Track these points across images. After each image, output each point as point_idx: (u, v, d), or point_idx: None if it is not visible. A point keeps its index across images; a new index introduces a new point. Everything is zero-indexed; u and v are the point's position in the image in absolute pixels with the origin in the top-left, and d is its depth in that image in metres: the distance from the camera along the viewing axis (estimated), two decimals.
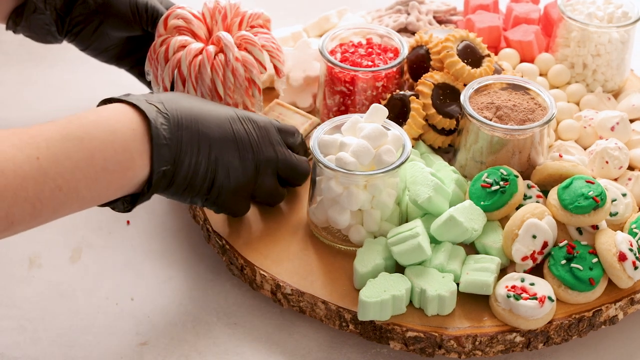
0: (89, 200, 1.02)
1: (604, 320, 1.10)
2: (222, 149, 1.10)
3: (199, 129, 1.09)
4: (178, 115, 1.08)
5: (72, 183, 0.99)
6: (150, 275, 1.19)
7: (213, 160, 1.10)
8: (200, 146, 1.08)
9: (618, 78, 1.38)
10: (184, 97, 1.12)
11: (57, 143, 0.99)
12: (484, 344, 1.07)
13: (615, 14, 1.35)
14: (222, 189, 1.12)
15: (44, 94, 1.48)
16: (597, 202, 1.10)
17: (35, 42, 1.32)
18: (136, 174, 1.04)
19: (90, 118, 1.03)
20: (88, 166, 1.00)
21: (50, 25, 1.27)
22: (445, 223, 1.11)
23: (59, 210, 1.00)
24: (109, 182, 1.02)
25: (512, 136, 1.18)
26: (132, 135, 1.03)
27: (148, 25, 1.27)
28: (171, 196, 1.10)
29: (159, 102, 1.07)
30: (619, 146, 1.23)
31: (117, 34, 1.29)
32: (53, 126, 1.00)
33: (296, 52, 1.38)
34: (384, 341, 1.09)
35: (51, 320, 1.14)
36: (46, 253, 1.22)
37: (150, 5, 1.27)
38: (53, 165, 0.98)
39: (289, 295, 1.12)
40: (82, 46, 1.30)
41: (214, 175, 1.10)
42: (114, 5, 1.26)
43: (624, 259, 1.08)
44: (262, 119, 1.16)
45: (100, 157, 1.01)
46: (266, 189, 1.16)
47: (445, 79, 1.27)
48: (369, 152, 1.11)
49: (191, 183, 1.09)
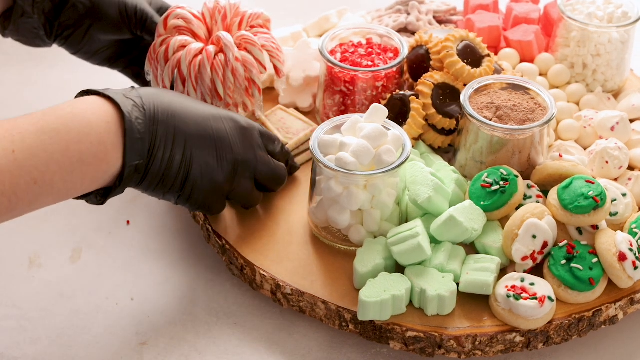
0: (64, 193, 1.02)
1: (604, 320, 1.10)
2: (198, 147, 1.10)
3: (175, 124, 1.08)
4: (155, 110, 1.07)
5: (48, 176, 0.99)
6: (150, 275, 1.19)
7: (188, 156, 1.09)
8: (175, 142, 1.08)
9: (618, 78, 1.38)
10: (166, 93, 1.11)
11: (33, 136, 0.98)
12: (484, 344, 1.07)
13: (615, 14, 1.35)
14: (196, 187, 1.11)
15: (44, 94, 1.48)
16: (597, 202, 1.10)
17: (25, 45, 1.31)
18: (110, 167, 1.04)
19: (66, 110, 1.02)
20: (63, 158, 1.00)
21: (39, 29, 1.25)
22: (445, 223, 1.11)
23: (34, 203, 1.00)
24: (84, 175, 1.02)
25: (512, 136, 1.18)
26: (106, 128, 1.03)
27: (137, 28, 1.26)
28: (144, 191, 1.10)
29: (137, 97, 1.07)
30: (619, 146, 1.23)
31: (106, 37, 1.27)
32: (28, 119, 1.00)
33: (296, 52, 1.38)
34: (384, 341, 1.09)
35: (51, 320, 1.14)
36: (46, 253, 1.22)
37: (139, 9, 1.26)
38: (29, 158, 0.97)
39: (289, 295, 1.12)
40: (73, 50, 1.29)
41: (188, 172, 1.10)
42: (102, 9, 1.25)
43: (624, 259, 1.08)
44: (245, 120, 1.15)
45: (76, 149, 1.00)
46: (242, 191, 1.16)
47: (445, 79, 1.27)
48: (369, 152, 1.11)
49: (164, 178, 1.08)
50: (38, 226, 1.25)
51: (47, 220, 1.24)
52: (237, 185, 1.14)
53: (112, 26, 1.26)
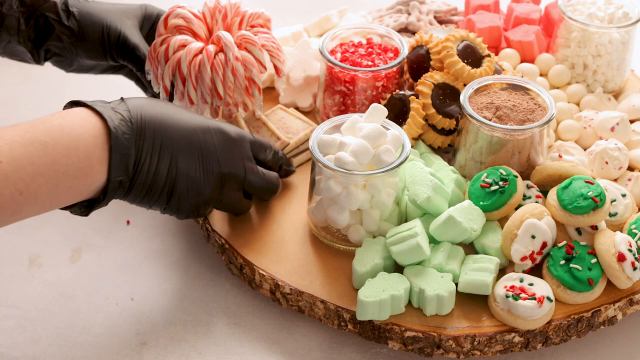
0: (48, 204, 1.01)
1: (602, 320, 1.10)
2: (185, 160, 1.09)
3: (162, 138, 1.07)
4: (142, 124, 1.06)
5: (33, 187, 0.99)
6: (150, 275, 1.20)
7: (174, 170, 1.08)
8: (162, 156, 1.07)
9: (618, 78, 1.38)
10: (155, 104, 1.10)
11: (20, 147, 0.98)
12: (483, 344, 1.07)
13: (615, 15, 1.35)
14: (182, 200, 1.10)
15: (44, 94, 1.49)
16: (597, 203, 1.10)
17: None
18: (94, 180, 1.03)
19: (55, 123, 1.02)
20: (49, 171, 1.00)
21: (27, 55, 1.26)
22: (444, 223, 1.11)
23: (17, 213, 1.00)
24: (69, 188, 1.02)
25: (512, 136, 1.18)
26: (93, 142, 1.03)
27: (119, 57, 1.26)
28: (131, 202, 1.09)
29: (124, 110, 1.06)
30: (618, 147, 1.23)
31: (95, 62, 1.28)
32: (16, 130, 1.00)
33: (296, 52, 1.38)
34: (383, 341, 1.09)
35: (51, 320, 1.14)
36: (46, 253, 1.22)
37: (122, 36, 1.25)
38: (15, 170, 0.97)
39: (287, 294, 1.12)
40: (65, 70, 1.30)
41: (174, 186, 1.09)
42: (86, 37, 1.25)
43: (623, 260, 1.08)
44: (235, 131, 1.14)
45: (63, 162, 1.00)
46: (229, 202, 1.15)
47: (445, 79, 1.27)
48: (368, 151, 1.11)
49: (150, 191, 1.08)
50: (38, 226, 1.25)
51: (47, 220, 1.25)
52: (225, 197, 1.14)
53: (97, 54, 1.26)
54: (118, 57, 1.25)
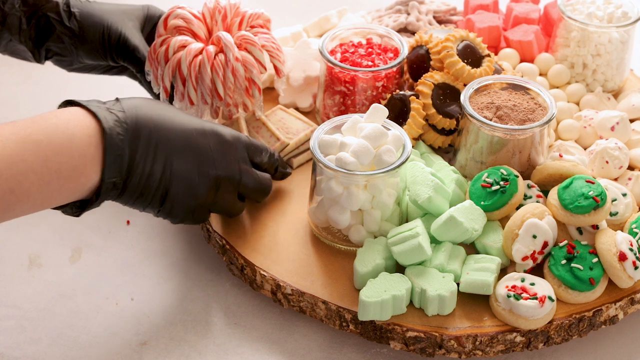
0: (39, 203, 1.01)
1: (604, 320, 1.10)
2: (180, 163, 1.08)
3: (157, 139, 1.07)
4: (137, 126, 1.06)
5: (25, 186, 0.98)
6: (150, 275, 1.19)
7: (168, 173, 1.08)
8: (156, 157, 1.07)
9: (618, 78, 1.38)
10: (151, 105, 1.09)
11: (13, 145, 0.98)
12: (484, 344, 1.07)
13: (615, 14, 1.35)
14: (176, 202, 1.10)
15: (44, 94, 1.48)
16: (597, 202, 1.10)
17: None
18: (88, 180, 1.03)
19: (49, 121, 1.01)
20: (42, 169, 0.99)
21: (27, 53, 1.26)
22: (445, 223, 1.11)
23: (9, 211, 0.99)
24: (61, 187, 1.01)
25: (512, 136, 1.18)
26: (87, 141, 1.02)
27: (119, 59, 1.26)
28: (124, 204, 1.09)
29: (120, 111, 1.05)
30: (619, 146, 1.23)
31: (96, 62, 1.28)
32: (10, 127, 0.99)
33: (296, 52, 1.38)
34: (384, 341, 1.09)
35: (51, 320, 1.14)
36: (46, 253, 1.22)
37: (123, 37, 1.24)
38: (7, 167, 0.97)
39: (289, 295, 1.12)
40: (66, 69, 1.29)
41: (168, 189, 1.08)
42: (87, 38, 1.25)
43: (624, 259, 1.08)
44: (230, 133, 1.14)
45: (56, 161, 1.00)
46: (224, 205, 1.15)
47: (445, 79, 1.27)
48: (369, 152, 1.11)
49: (143, 193, 1.07)
50: (38, 226, 1.25)
51: (47, 220, 1.24)
52: (220, 199, 1.14)
53: (98, 54, 1.26)
54: (118, 58, 1.25)
